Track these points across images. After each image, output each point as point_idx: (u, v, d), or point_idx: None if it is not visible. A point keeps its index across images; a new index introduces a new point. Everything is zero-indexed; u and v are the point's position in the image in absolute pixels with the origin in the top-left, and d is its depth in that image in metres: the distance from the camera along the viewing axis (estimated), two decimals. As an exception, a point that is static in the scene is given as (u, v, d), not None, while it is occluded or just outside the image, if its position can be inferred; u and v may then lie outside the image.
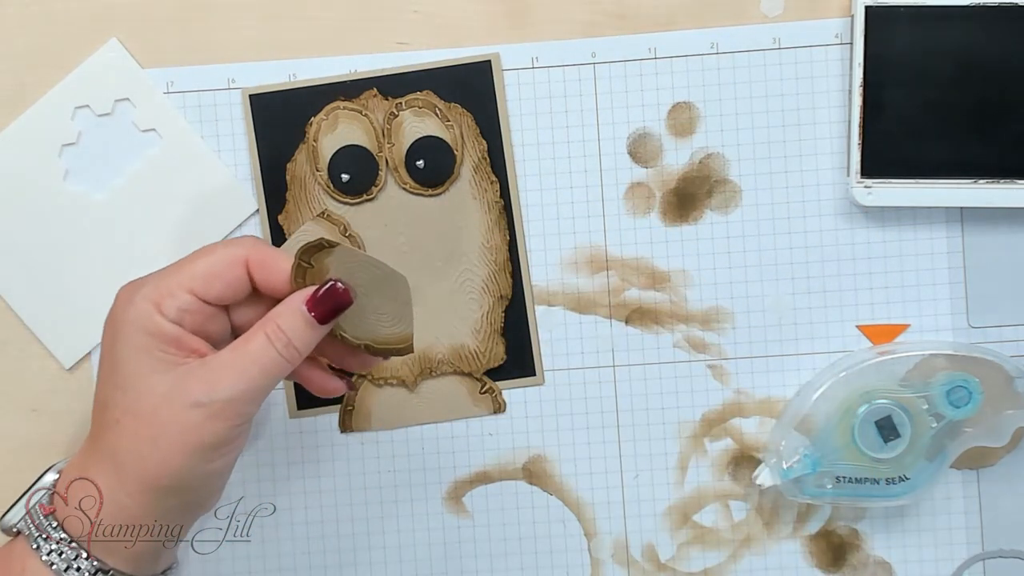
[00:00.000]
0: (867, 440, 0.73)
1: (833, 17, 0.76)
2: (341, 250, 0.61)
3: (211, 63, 0.77)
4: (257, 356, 0.60)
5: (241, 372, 0.59)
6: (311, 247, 0.60)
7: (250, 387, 0.59)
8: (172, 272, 0.61)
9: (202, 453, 0.59)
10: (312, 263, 0.61)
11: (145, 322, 0.60)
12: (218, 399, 0.59)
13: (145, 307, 0.60)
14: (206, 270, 0.61)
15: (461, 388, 0.77)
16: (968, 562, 0.77)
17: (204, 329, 0.62)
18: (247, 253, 0.61)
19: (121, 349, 0.60)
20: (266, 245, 0.62)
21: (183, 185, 0.77)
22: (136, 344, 0.60)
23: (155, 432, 0.59)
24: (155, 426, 0.59)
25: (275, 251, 0.62)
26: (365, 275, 0.61)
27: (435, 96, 0.76)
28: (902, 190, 0.74)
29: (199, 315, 0.61)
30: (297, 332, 0.60)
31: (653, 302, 0.77)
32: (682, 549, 0.78)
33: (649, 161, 0.77)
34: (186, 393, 0.59)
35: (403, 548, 0.78)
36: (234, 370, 0.59)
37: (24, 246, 0.77)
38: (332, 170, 0.76)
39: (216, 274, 0.61)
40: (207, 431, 0.59)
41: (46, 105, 0.77)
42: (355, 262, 0.61)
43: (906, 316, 0.77)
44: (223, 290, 0.61)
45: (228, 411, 0.59)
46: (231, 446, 0.61)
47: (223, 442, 0.60)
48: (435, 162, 0.76)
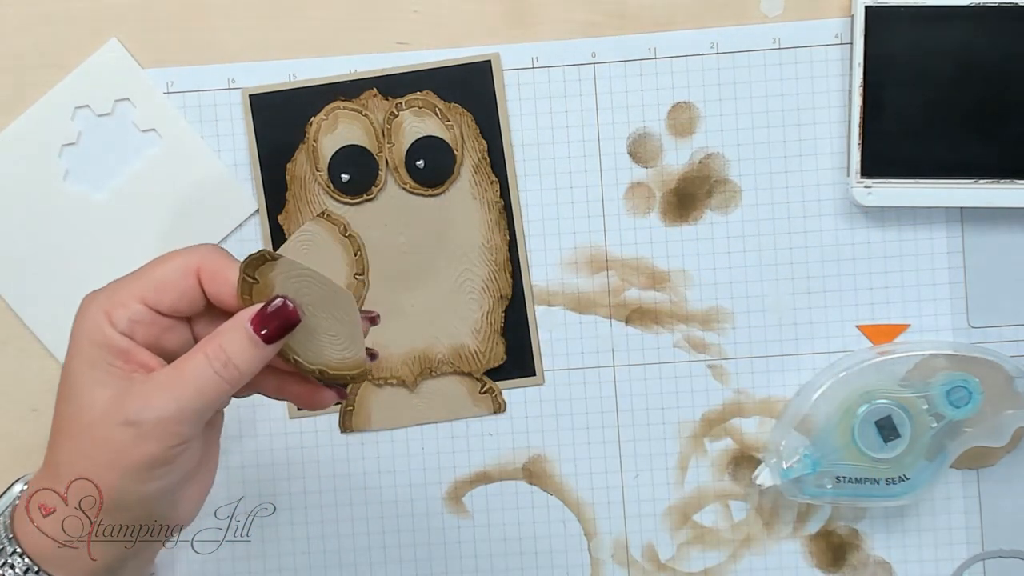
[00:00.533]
0: (867, 440, 0.73)
1: (833, 17, 0.76)
2: (285, 263, 0.57)
3: (211, 63, 0.77)
4: (193, 376, 0.56)
5: (175, 392, 0.56)
6: (255, 260, 0.57)
7: (184, 407, 0.56)
8: (126, 281, 0.59)
9: (135, 473, 0.56)
10: (257, 278, 0.57)
11: (95, 333, 0.57)
12: (148, 419, 0.55)
13: (97, 317, 0.57)
14: (159, 279, 0.58)
15: (461, 388, 0.77)
16: (968, 562, 0.77)
17: (159, 342, 0.58)
18: (200, 263, 0.58)
19: (70, 359, 0.58)
20: (221, 255, 0.59)
21: (183, 185, 0.77)
22: (84, 355, 0.57)
23: (89, 448, 0.56)
24: (90, 442, 0.56)
25: (227, 261, 0.58)
26: (313, 292, 0.58)
27: (435, 96, 0.76)
28: (902, 190, 0.74)
29: (153, 327, 0.58)
30: (240, 352, 0.56)
31: (653, 302, 0.77)
32: (682, 549, 0.78)
33: (649, 161, 0.77)
34: (120, 410, 0.56)
35: (403, 548, 0.78)
36: (169, 389, 0.56)
37: (24, 246, 0.77)
38: (332, 170, 0.76)
39: (169, 284, 0.58)
40: (137, 451, 0.56)
41: (46, 105, 0.77)
42: (302, 277, 0.58)
43: (906, 316, 0.77)
44: (176, 301, 0.58)
45: (159, 431, 0.56)
46: (168, 467, 0.57)
47: (157, 463, 0.56)
48: (435, 162, 0.76)
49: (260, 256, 0.57)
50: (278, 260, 0.57)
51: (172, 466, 0.57)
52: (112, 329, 0.57)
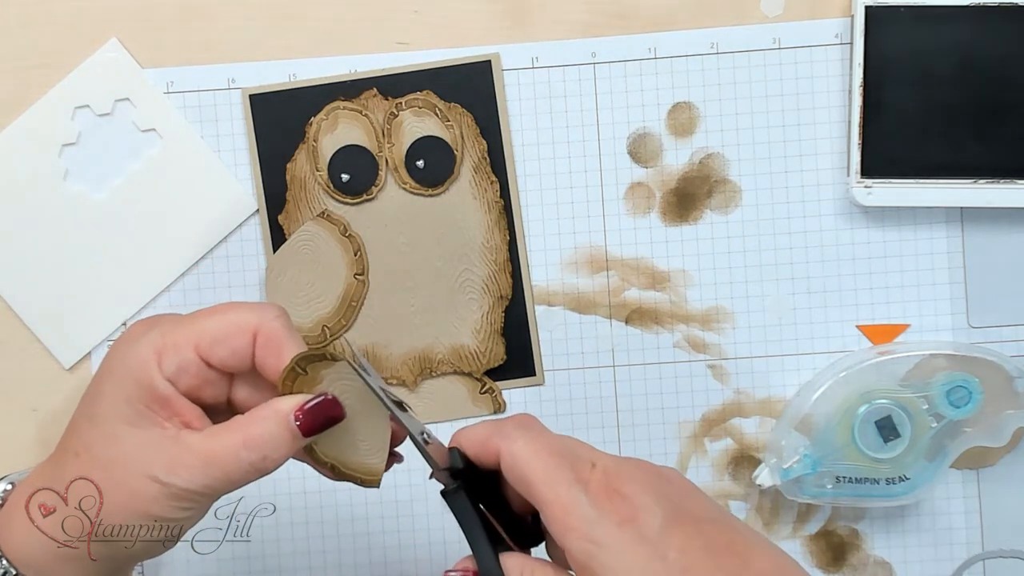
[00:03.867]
0: (867, 440, 0.73)
1: (833, 17, 0.76)
2: (342, 366, 0.57)
3: (211, 63, 0.77)
4: (226, 459, 0.56)
5: (206, 468, 0.56)
6: (314, 357, 0.56)
7: (210, 486, 0.56)
8: (184, 323, 0.58)
9: (144, 521, 0.57)
10: (307, 370, 0.57)
11: (139, 372, 0.57)
12: (174, 484, 0.56)
13: (146, 355, 0.57)
14: (215, 331, 0.57)
15: (461, 388, 0.77)
16: (968, 562, 0.77)
17: (199, 393, 0.58)
18: (259, 326, 0.57)
19: (108, 386, 0.57)
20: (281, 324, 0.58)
21: (183, 185, 0.77)
22: (123, 389, 0.57)
23: (105, 483, 0.56)
24: (107, 477, 0.56)
25: (286, 334, 0.58)
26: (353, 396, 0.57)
27: (435, 96, 0.76)
28: (902, 190, 0.74)
29: (198, 378, 0.57)
30: (276, 442, 0.56)
31: (653, 302, 0.77)
32: (682, 549, 0.77)
33: (649, 161, 0.77)
34: (147, 462, 0.56)
35: (403, 548, 0.78)
36: (200, 463, 0.56)
37: (24, 246, 0.77)
38: (332, 170, 0.76)
39: (223, 338, 0.57)
40: (155, 506, 0.56)
41: (46, 105, 0.77)
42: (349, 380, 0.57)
43: (906, 316, 0.77)
44: (226, 357, 0.57)
45: (181, 497, 0.56)
46: (176, 523, 0.58)
47: (168, 520, 0.57)
48: (435, 162, 0.76)
49: (320, 355, 0.56)
50: (336, 363, 0.57)
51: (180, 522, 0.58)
52: (159, 373, 0.57)
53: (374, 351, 0.76)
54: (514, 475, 0.54)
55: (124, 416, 0.57)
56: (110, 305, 0.77)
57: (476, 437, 0.56)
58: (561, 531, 0.51)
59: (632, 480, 0.52)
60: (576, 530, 0.51)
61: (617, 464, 0.53)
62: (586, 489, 0.52)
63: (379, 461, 0.58)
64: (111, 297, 0.77)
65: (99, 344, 0.77)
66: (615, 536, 0.51)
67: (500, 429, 0.55)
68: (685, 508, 0.52)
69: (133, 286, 0.77)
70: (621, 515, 0.51)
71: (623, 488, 0.52)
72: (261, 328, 0.57)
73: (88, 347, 0.77)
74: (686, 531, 0.51)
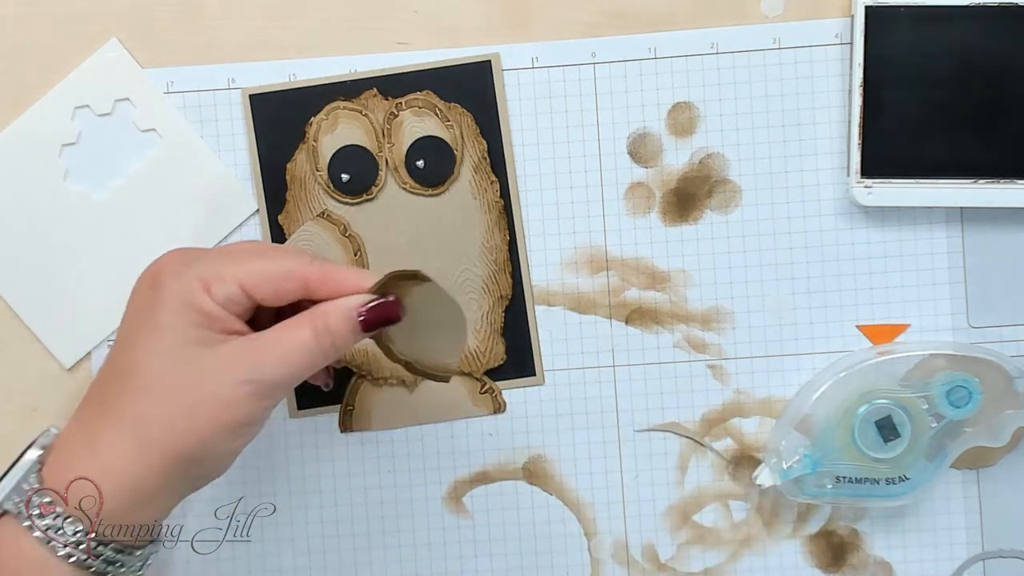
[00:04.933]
0: (867, 440, 0.73)
1: (833, 17, 0.76)
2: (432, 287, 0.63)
3: (211, 63, 0.77)
4: (302, 346, 0.61)
5: (286, 358, 0.61)
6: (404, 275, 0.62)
7: (292, 374, 0.61)
8: (226, 260, 0.62)
9: (233, 429, 0.60)
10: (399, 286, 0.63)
11: (192, 297, 0.61)
12: (265, 379, 0.60)
13: (193, 285, 0.61)
14: (262, 272, 0.62)
15: (461, 388, 0.77)
16: (968, 562, 0.77)
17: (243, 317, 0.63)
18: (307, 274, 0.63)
19: (165, 317, 0.61)
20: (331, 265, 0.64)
21: (183, 185, 0.77)
22: (183, 315, 0.60)
23: (192, 403, 0.59)
24: (194, 397, 0.59)
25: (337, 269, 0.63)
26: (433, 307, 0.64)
27: (435, 96, 0.76)
28: (902, 190, 0.74)
29: (240, 308, 0.62)
30: (342, 334, 0.62)
31: (653, 302, 0.77)
32: (682, 549, 0.78)
33: (649, 161, 0.77)
34: (235, 369, 0.60)
35: (403, 548, 0.78)
36: (280, 354, 0.60)
37: (24, 246, 0.77)
38: (332, 170, 0.76)
39: (270, 280, 0.62)
40: (246, 409, 0.60)
41: (46, 105, 0.77)
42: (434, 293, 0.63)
43: (906, 316, 0.77)
44: (269, 295, 0.62)
45: (270, 392, 0.61)
46: (256, 427, 0.62)
47: (255, 421, 0.61)
48: (435, 162, 0.76)
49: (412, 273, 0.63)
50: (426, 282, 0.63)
51: (259, 426, 0.62)
52: (208, 299, 0.61)
53: (374, 350, 0.76)
54: None
55: (195, 339, 0.60)
56: (110, 305, 0.76)
57: None
58: None
59: None
60: None
61: None
62: None
63: (453, 362, 0.66)
64: (111, 297, 0.76)
65: (99, 344, 0.77)
66: None
67: None
68: None
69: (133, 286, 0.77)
70: None
71: None
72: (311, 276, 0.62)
73: (88, 347, 0.77)
74: None
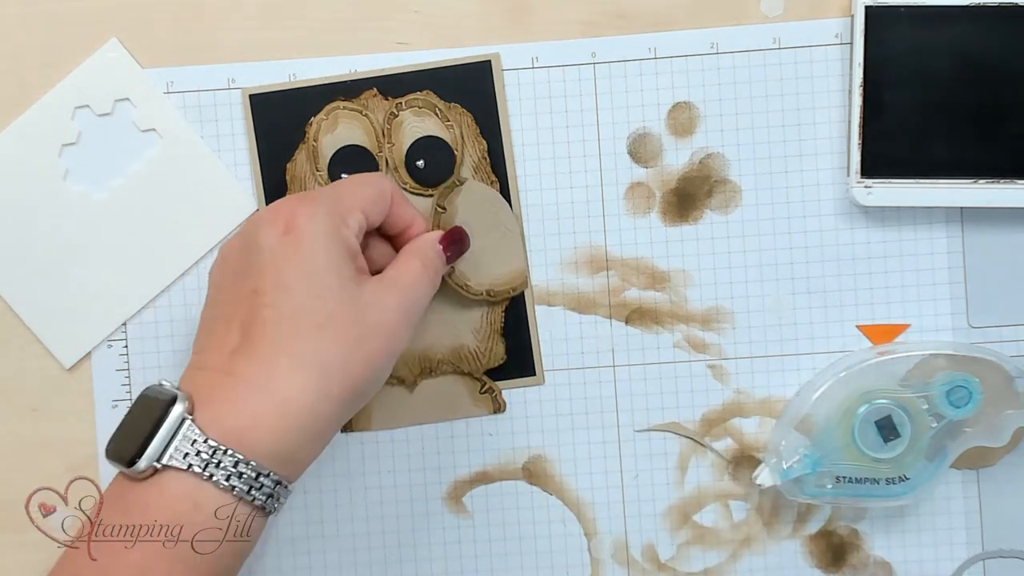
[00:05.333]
0: (867, 440, 0.73)
1: (833, 17, 0.76)
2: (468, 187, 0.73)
3: (211, 63, 0.77)
4: (419, 277, 0.67)
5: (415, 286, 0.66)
6: (445, 189, 0.73)
7: (423, 300, 0.67)
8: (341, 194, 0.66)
9: (395, 355, 0.65)
10: (445, 207, 0.72)
11: (338, 234, 0.64)
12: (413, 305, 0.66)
13: (333, 221, 0.64)
14: (373, 195, 0.67)
15: (461, 388, 0.77)
16: (968, 562, 0.77)
17: None
18: (392, 191, 0.69)
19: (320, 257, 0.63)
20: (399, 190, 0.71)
21: (183, 185, 0.77)
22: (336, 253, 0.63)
23: (363, 333, 0.62)
24: (364, 328, 0.63)
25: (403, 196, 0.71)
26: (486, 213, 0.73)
27: (435, 96, 0.76)
28: (902, 190, 0.74)
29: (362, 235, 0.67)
30: (437, 265, 0.69)
31: (653, 302, 0.77)
32: (682, 549, 0.78)
33: (649, 161, 0.77)
34: (389, 298, 0.64)
35: (403, 548, 0.78)
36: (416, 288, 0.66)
37: (24, 246, 0.77)
38: (332, 170, 0.76)
39: (374, 201, 0.67)
40: (404, 334, 0.65)
41: (46, 105, 0.77)
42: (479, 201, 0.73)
43: (906, 316, 0.77)
44: (377, 217, 0.68)
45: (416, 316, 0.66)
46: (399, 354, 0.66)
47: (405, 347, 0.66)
48: (435, 162, 0.76)
49: (450, 184, 0.73)
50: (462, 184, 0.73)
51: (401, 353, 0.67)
52: (351, 233, 0.65)
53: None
54: None
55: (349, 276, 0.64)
56: (110, 305, 0.77)
57: None
58: None
59: None
60: None
61: None
62: None
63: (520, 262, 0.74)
64: (111, 297, 0.77)
65: (99, 344, 0.77)
66: None
67: None
68: None
69: (133, 286, 0.77)
70: None
71: None
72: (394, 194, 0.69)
73: (88, 347, 0.77)
74: None
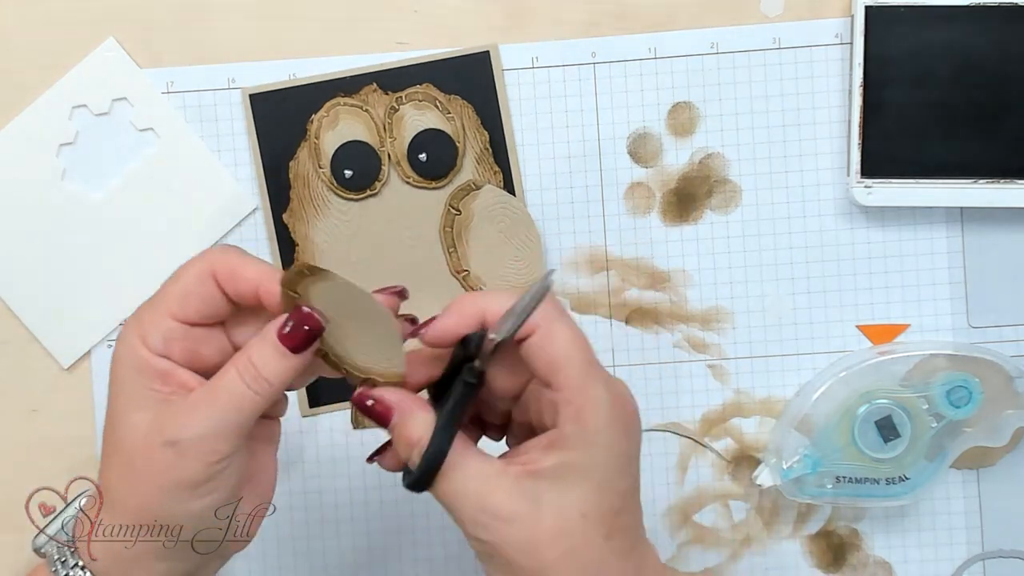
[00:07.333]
0: (867, 440, 0.73)
1: (833, 17, 0.76)
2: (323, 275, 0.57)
3: (211, 63, 0.77)
4: (227, 392, 0.56)
5: (211, 409, 0.56)
6: (294, 275, 0.56)
7: (221, 423, 0.56)
8: (152, 301, 0.58)
9: (179, 493, 0.56)
10: (299, 292, 0.56)
11: (131, 357, 0.57)
12: (187, 437, 0.55)
13: (132, 342, 0.57)
14: (180, 290, 0.58)
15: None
16: (968, 562, 0.77)
17: (199, 357, 0.58)
18: (212, 267, 0.58)
19: (112, 386, 0.58)
20: (232, 254, 0.59)
21: (181, 184, 0.77)
22: (124, 381, 0.57)
23: (133, 471, 0.57)
24: (133, 465, 0.56)
25: (240, 259, 0.58)
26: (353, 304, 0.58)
27: (435, 89, 0.76)
28: (902, 190, 0.74)
29: (187, 341, 0.58)
30: (268, 364, 0.56)
31: (653, 302, 0.77)
32: (682, 549, 0.77)
33: (649, 161, 0.77)
34: (160, 431, 0.56)
35: (403, 548, 0.77)
36: (204, 407, 0.56)
37: (22, 246, 0.76)
38: (335, 166, 0.76)
39: (189, 292, 0.58)
40: (179, 471, 0.56)
41: (43, 104, 0.76)
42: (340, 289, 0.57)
43: (906, 316, 0.77)
44: (200, 307, 0.58)
45: (200, 449, 0.56)
46: (211, 485, 0.57)
47: (199, 481, 0.56)
48: (437, 154, 0.76)
49: (299, 272, 0.56)
50: (316, 274, 0.56)
51: (215, 483, 0.57)
52: (148, 351, 0.57)
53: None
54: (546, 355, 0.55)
55: (132, 404, 0.57)
56: (109, 305, 0.77)
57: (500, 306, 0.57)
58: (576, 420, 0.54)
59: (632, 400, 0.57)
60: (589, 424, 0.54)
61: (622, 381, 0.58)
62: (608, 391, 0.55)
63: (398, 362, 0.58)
64: (110, 297, 0.77)
65: (98, 343, 0.77)
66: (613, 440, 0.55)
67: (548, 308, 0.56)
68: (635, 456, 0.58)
69: (131, 286, 0.76)
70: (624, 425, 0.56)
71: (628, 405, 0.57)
72: (216, 268, 0.58)
73: (87, 347, 0.77)
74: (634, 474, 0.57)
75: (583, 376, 0.55)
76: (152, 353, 0.57)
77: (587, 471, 0.54)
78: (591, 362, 0.56)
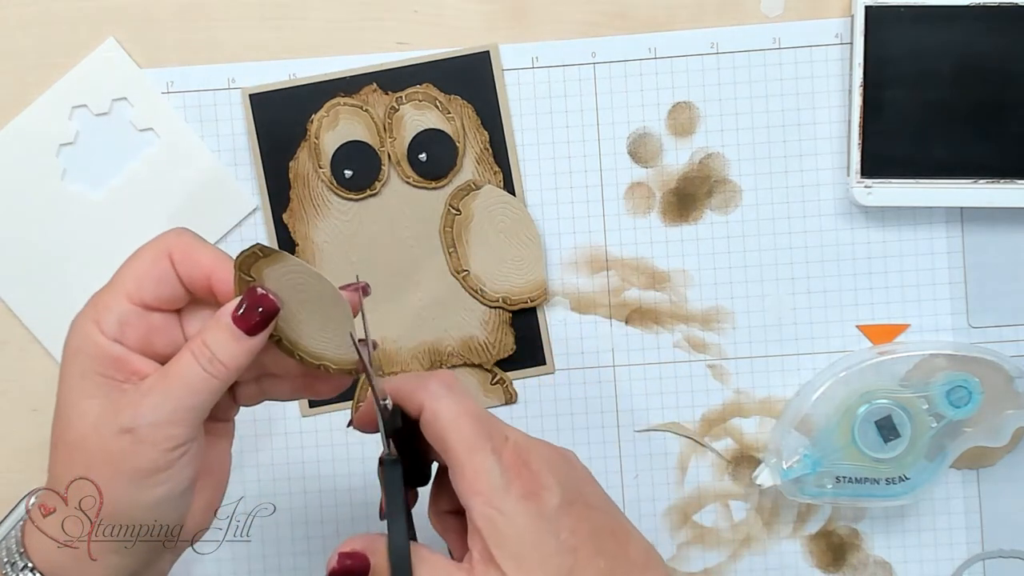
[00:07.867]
0: (867, 440, 0.73)
1: (833, 17, 0.76)
2: (277, 257, 0.55)
3: (211, 63, 0.77)
4: (181, 375, 0.55)
5: (166, 393, 0.55)
6: (248, 257, 0.55)
7: (176, 408, 0.55)
8: (108, 283, 0.57)
9: (136, 481, 0.55)
10: (253, 275, 0.55)
11: (86, 345, 0.56)
12: (143, 423, 0.54)
13: (86, 328, 0.56)
14: (135, 272, 0.57)
15: (472, 380, 0.77)
16: (968, 562, 0.77)
17: (151, 345, 0.57)
18: (169, 248, 0.57)
19: (62, 375, 0.57)
20: (188, 237, 0.58)
21: (181, 184, 0.77)
22: (76, 368, 0.56)
23: (86, 461, 0.55)
24: (86, 454, 0.55)
25: (195, 243, 0.57)
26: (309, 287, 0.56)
27: (435, 88, 0.76)
28: (902, 190, 0.74)
29: (141, 326, 0.57)
30: (223, 346, 0.55)
31: (653, 302, 0.77)
32: (682, 549, 0.77)
33: (649, 161, 0.77)
34: (114, 418, 0.55)
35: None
36: (159, 392, 0.55)
37: (22, 246, 0.76)
38: (335, 166, 0.76)
39: (145, 274, 0.56)
40: (136, 458, 0.55)
41: (44, 104, 0.76)
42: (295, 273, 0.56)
43: (906, 316, 0.77)
44: (156, 289, 0.56)
45: (155, 435, 0.55)
46: (168, 472, 0.56)
47: (156, 468, 0.55)
48: (437, 154, 0.76)
49: (252, 253, 0.55)
50: (270, 255, 0.55)
51: (172, 471, 0.56)
52: (102, 337, 0.56)
53: (383, 346, 0.76)
54: (433, 432, 0.57)
55: (84, 392, 0.56)
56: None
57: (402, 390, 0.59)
58: (468, 493, 0.56)
59: (540, 458, 0.57)
60: (483, 495, 0.55)
61: (527, 441, 0.58)
62: (499, 459, 0.56)
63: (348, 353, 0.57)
64: (110, 297, 0.76)
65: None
66: (517, 508, 0.55)
67: (425, 386, 0.58)
68: (581, 492, 0.58)
69: (131, 286, 0.77)
70: (526, 489, 0.56)
71: (532, 464, 0.57)
72: (172, 249, 0.57)
73: (87, 346, 0.77)
74: (579, 513, 0.57)
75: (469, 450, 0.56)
76: (107, 338, 0.56)
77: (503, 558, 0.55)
78: (479, 434, 0.57)
